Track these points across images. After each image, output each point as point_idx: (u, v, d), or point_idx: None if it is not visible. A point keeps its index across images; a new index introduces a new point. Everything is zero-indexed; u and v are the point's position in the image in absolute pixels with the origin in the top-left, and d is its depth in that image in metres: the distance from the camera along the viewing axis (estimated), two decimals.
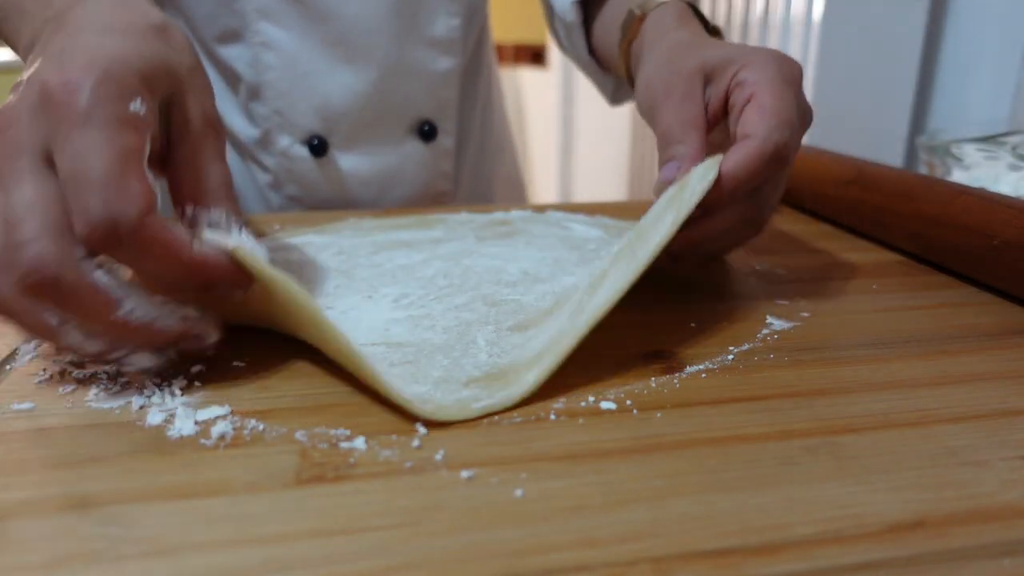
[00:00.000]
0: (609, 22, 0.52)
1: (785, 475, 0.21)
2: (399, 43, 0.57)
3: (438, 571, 0.17)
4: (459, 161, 0.65)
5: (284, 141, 0.57)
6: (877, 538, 0.18)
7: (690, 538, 0.18)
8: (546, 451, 0.22)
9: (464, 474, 0.21)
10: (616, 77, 0.58)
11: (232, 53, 0.56)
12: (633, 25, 0.43)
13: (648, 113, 0.37)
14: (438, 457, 0.22)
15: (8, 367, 0.28)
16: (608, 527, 0.18)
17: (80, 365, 0.28)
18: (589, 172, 2.14)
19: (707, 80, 0.35)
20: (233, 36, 0.55)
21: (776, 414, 0.24)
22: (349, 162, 0.59)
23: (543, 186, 2.54)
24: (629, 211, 0.55)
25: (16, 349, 0.29)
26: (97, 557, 0.18)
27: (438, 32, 0.58)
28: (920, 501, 0.19)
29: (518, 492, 0.20)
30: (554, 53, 2.22)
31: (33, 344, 0.30)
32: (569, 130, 2.26)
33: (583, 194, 2.30)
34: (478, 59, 0.66)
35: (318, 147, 0.57)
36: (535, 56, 2.41)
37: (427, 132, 0.60)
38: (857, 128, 0.74)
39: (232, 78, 0.57)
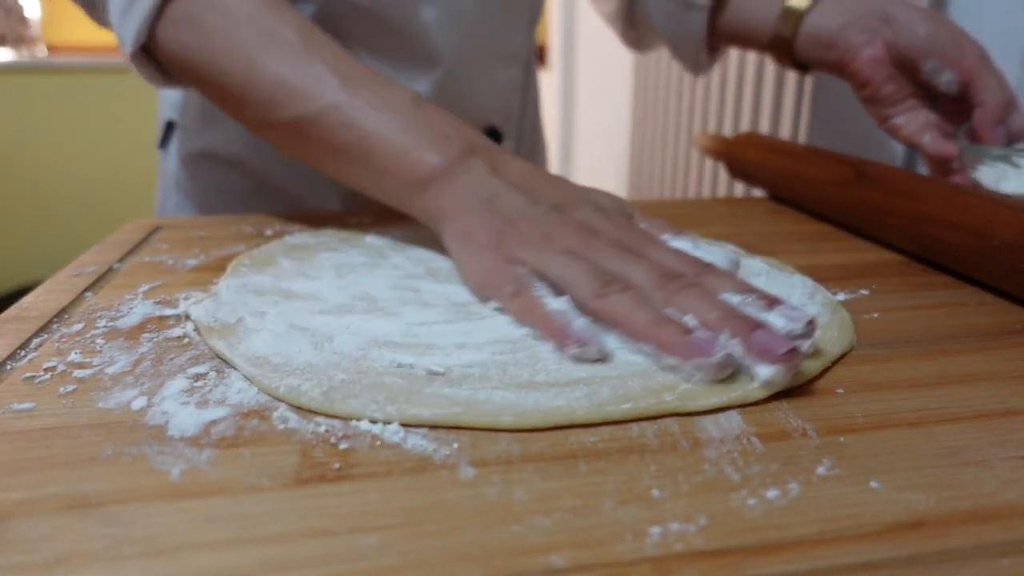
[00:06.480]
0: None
1: (785, 475, 0.21)
2: (477, 61, 0.59)
3: (438, 571, 0.17)
4: None
5: None
6: (877, 538, 0.18)
7: (690, 538, 0.18)
8: (546, 451, 0.22)
9: (464, 474, 0.21)
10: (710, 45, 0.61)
11: None
12: None
13: (838, 58, 0.51)
14: (438, 457, 0.22)
15: (8, 367, 0.28)
16: (608, 527, 0.18)
17: (80, 365, 0.28)
18: (589, 172, 2.13)
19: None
20: None
21: (775, 414, 0.24)
22: None
23: None
24: None
25: (16, 349, 0.29)
26: (97, 557, 0.18)
27: (511, 45, 0.61)
28: (920, 501, 0.19)
29: (518, 492, 0.20)
30: (554, 53, 2.22)
31: (33, 344, 0.30)
32: (569, 130, 2.25)
33: None
34: (530, 64, 0.68)
35: None
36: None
37: (493, 139, 0.61)
38: (857, 128, 0.74)
39: None
